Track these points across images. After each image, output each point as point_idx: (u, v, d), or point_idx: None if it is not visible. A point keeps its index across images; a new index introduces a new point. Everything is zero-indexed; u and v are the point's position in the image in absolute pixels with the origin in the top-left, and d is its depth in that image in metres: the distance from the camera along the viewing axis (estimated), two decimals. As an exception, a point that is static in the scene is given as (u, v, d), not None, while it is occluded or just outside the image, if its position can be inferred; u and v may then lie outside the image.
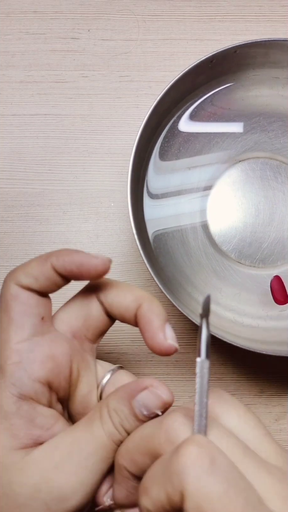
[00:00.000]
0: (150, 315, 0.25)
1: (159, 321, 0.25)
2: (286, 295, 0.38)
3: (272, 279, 0.39)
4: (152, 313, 0.25)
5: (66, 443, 0.23)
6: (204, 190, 0.40)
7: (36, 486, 0.22)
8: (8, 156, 0.42)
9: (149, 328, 0.25)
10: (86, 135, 0.43)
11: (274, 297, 0.38)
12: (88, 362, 0.27)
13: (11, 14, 0.44)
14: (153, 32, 0.44)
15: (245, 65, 0.39)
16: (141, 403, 0.23)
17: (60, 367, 0.25)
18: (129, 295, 0.26)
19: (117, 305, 0.26)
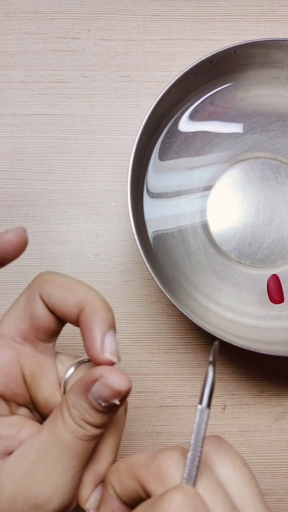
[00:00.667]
0: (90, 322, 0.23)
1: (98, 331, 0.23)
2: (282, 294, 0.38)
3: (269, 278, 0.39)
4: (93, 320, 0.23)
5: (33, 449, 0.22)
6: (204, 190, 0.40)
7: (11, 498, 0.22)
8: (8, 156, 0.42)
9: (87, 337, 0.23)
10: (86, 135, 0.43)
11: (270, 296, 0.38)
12: (44, 363, 0.25)
13: (11, 14, 0.44)
14: (153, 32, 0.44)
15: (245, 65, 0.39)
16: (96, 395, 0.22)
17: (9, 376, 0.24)
18: (71, 297, 0.24)
19: (59, 308, 0.24)
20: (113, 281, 0.41)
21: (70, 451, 0.22)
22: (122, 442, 0.39)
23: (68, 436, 0.22)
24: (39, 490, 0.22)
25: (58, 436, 0.22)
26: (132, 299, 0.41)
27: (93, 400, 0.22)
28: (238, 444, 0.40)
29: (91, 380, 0.22)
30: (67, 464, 0.22)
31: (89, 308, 0.23)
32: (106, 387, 0.22)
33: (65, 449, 0.22)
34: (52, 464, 0.22)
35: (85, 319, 0.23)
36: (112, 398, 0.22)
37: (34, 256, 0.41)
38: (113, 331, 0.23)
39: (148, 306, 0.41)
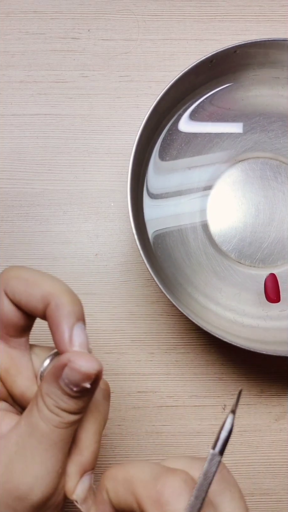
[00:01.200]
0: (57, 317, 0.23)
1: (65, 325, 0.22)
2: (279, 293, 0.38)
3: (267, 276, 0.39)
4: (59, 314, 0.23)
5: (11, 442, 0.22)
6: (204, 190, 0.40)
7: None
8: (8, 156, 0.42)
9: (55, 331, 0.23)
10: (86, 135, 0.43)
11: (267, 295, 0.38)
12: (18, 358, 0.25)
13: (11, 14, 0.44)
14: (153, 32, 0.44)
15: (245, 65, 0.39)
16: (67, 380, 0.22)
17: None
18: (36, 291, 0.23)
19: (25, 304, 0.24)
20: (113, 281, 0.41)
21: (47, 440, 0.22)
22: (122, 442, 0.39)
23: (44, 425, 0.22)
24: (20, 482, 0.22)
25: (35, 426, 0.22)
26: (132, 299, 0.41)
27: (65, 386, 0.22)
28: (238, 444, 0.40)
29: (60, 366, 0.22)
30: (45, 453, 0.22)
31: (55, 302, 0.23)
32: (75, 371, 0.21)
33: (43, 438, 0.22)
34: (31, 455, 0.22)
35: (52, 313, 0.23)
36: (82, 382, 0.22)
37: (34, 256, 0.41)
38: (81, 323, 0.23)
39: (148, 306, 0.41)
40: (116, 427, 0.40)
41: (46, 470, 0.22)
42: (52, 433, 0.22)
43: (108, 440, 0.39)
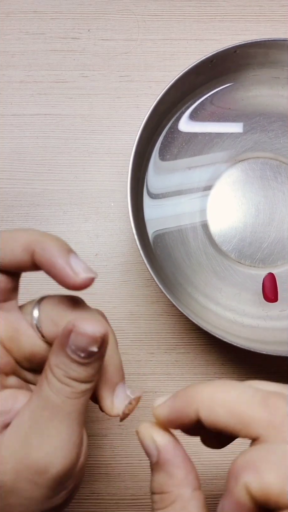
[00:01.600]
0: (48, 258, 0.23)
1: (60, 260, 0.23)
2: (277, 293, 0.38)
3: (265, 276, 0.39)
4: (49, 255, 0.23)
5: (25, 417, 0.22)
6: (204, 190, 0.40)
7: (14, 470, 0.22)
8: (8, 156, 0.42)
9: (54, 272, 0.23)
10: (86, 135, 0.43)
11: (265, 294, 0.38)
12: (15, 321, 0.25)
13: (11, 14, 0.44)
14: (153, 32, 0.44)
15: (245, 65, 0.39)
16: (74, 347, 0.22)
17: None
18: (16, 245, 0.23)
19: (9, 262, 0.23)
20: (113, 281, 0.41)
21: (61, 412, 0.22)
22: (123, 442, 0.39)
23: (56, 397, 0.22)
24: (38, 456, 0.22)
25: (46, 399, 0.22)
26: (132, 299, 0.41)
27: (72, 353, 0.22)
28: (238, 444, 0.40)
29: (65, 334, 0.22)
30: (60, 425, 0.22)
31: (39, 247, 0.23)
32: (81, 335, 0.21)
33: (55, 410, 0.22)
34: (46, 428, 0.22)
35: (42, 257, 0.23)
36: (90, 346, 0.22)
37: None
38: (73, 254, 0.23)
39: (148, 306, 0.41)
40: (116, 427, 0.40)
41: (63, 442, 0.22)
42: (64, 404, 0.22)
43: (108, 440, 0.39)
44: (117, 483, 0.39)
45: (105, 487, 0.39)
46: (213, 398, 0.21)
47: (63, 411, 0.22)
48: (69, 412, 0.22)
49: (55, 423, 0.22)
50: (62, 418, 0.22)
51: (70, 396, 0.22)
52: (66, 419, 0.22)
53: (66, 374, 0.22)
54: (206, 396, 0.22)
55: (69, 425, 0.22)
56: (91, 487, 0.39)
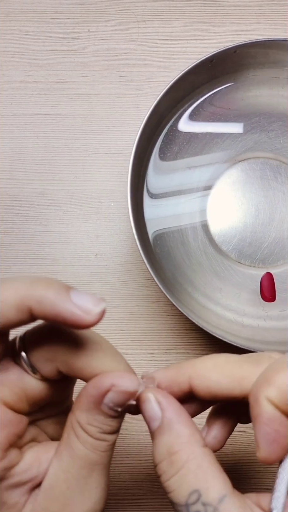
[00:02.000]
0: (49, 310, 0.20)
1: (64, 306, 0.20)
2: (274, 292, 0.38)
3: (263, 275, 0.39)
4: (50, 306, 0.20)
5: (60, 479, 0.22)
6: (204, 190, 0.40)
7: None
8: (8, 156, 0.42)
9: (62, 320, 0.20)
10: (86, 135, 0.43)
11: (262, 294, 0.38)
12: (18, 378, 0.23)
13: (11, 14, 0.44)
14: (153, 32, 0.44)
15: (245, 65, 0.39)
16: (112, 404, 0.21)
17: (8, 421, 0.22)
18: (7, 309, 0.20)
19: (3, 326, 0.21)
20: (113, 281, 0.41)
21: (99, 466, 0.22)
22: (123, 442, 0.39)
23: (94, 454, 0.22)
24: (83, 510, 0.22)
25: (83, 458, 0.22)
26: (132, 299, 0.41)
27: (109, 410, 0.21)
28: (239, 444, 0.40)
29: (101, 393, 0.21)
30: (99, 478, 0.22)
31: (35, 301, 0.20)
32: (121, 393, 0.21)
33: (95, 466, 0.22)
34: (85, 484, 0.22)
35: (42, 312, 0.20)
36: (129, 401, 0.22)
37: (34, 256, 0.41)
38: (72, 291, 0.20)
39: (148, 306, 0.41)
40: (116, 427, 0.40)
41: (103, 491, 0.23)
42: (102, 458, 0.22)
43: (108, 440, 0.39)
44: (117, 483, 0.39)
45: (105, 487, 0.39)
46: (204, 365, 0.22)
47: (101, 464, 0.22)
48: (105, 463, 0.22)
49: (95, 477, 0.22)
50: (100, 472, 0.22)
51: (106, 450, 0.22)
52: (104, 470, 0.22)
53: (101, 430, 0.22)
54: (197, 365, 0.22)
55: (106, 473, 0.23)
56: (91, 487, 0.39)
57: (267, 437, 0.20)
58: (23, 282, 0.20)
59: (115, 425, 0.22)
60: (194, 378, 0.22)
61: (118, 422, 0.22)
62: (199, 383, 0.22)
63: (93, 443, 0.22)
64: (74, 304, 0.20)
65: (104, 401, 0.21)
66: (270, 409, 0.20)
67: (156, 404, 0.22)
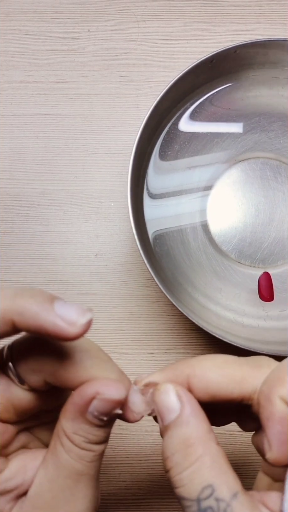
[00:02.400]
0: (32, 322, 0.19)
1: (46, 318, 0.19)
2: (272, 292, 0.38)
3: (261, 275, 0.39)
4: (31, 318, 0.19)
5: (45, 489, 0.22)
6: (204, 190, 0.40)
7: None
8: (8, 156, 0.42)
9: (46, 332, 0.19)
10: (86, 135, 0.43)
11: (260, 294, 0.38)
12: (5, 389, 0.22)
13: (11, 14, 0.44)
14: (153, 32, 0.44)
15: (245, 65, 0.39)
16: (96, 413, 0.21)
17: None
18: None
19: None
20: (113, 281, 0.41)
21: (85, 476, 0.22)
22: (123, 442, 0.39)
23: (79, 465, 0.21)
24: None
25: (68, 468, 0.21)
26: (132, 299, 0.41)
27: (93, 419, 0.21)
28: (239, 444, 0.40)
29: (86, 401, 0.21)
30: (85, 489, 0.22)
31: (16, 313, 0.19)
32: (106, 402, 0.21)
33: (80, 477, 0.21)
34: (71, 495, 0.22)
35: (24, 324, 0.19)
36: (115, 410, 0.21)
37: (34, 256, 0.41)
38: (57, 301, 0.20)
39: (148, 306, 0.41)
40: (116, 427, 0.40)
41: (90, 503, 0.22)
42: (88, 468, 0.22)
43: (108, 440, 0.39)
44: (117, 483, 0.39)
45: (106, 487, 0.39)
46: (203, 365, 0.22)
47: (87, 475, 0.22)
48: (92, 474, 0.22)
49: (80, 487, 0.22)
50: (87, 482, 0.22)
51: (92, 460, 0.22)
52: (91, 481, 0.22)
53: (87, 440, 0.21)
54: (196, 365, 0.22)
55: (93, 485, 0.22)
56: (91, 487, 0.39)
57: (281, 436, 0.20)
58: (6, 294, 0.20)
59: (102, 434, 0.22)
60: (193, 377, 0.22)
61: (105, 432, 0.22)
62: (197, 382, 0.21)
63: (79, 453, 0.21)
64: (58, 315, 0.19)
65: (89, 410, 0.21)
66: (284, 408, 0.20)
67: (175, 396, 0.21)
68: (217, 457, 0.20)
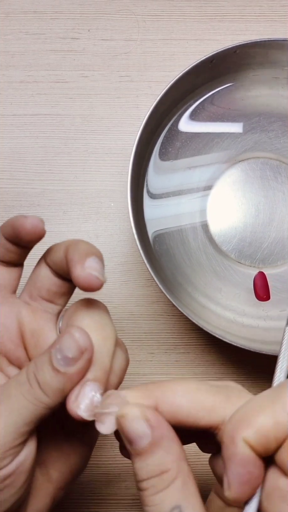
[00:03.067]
0: (72, 254, 0.24)
1: (78, 256, 0.24)
2: (268, 291, 0.38)
3: (256, 275, 0.39)
4: (74, 251, 0.24)
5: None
6: (204, 190, 0.40)
7: None
8: (8, 156, 0.42)
9: (70, 265, 0.24)
10: (86, 135, 0.43)
11: (256, 293, 0.38)
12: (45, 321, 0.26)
13: (11, 14, 0.44)
14: (153, 32, 0.44)
15: (245, 65, 0.39)
16: (58, 348, 0.22)
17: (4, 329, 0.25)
18: (61, 248, 0.25)
19: (56, 263, 0.25)
20: (113, 281, 0.41)
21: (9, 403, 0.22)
22: (122, 442, 0.39)
23: (14, 388, 0.22)
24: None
25: (6, 387, 0.22)
26: (132, 299, 0.41)
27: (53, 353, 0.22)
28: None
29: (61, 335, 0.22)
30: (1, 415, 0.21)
31: (72, 247, 0.24)
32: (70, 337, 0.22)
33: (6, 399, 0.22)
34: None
35: (68, 255, 0.24)
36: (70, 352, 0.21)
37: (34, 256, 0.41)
38: (95, 257, 0.24)
39: (148, 306, 0.41)
40: (116, 427, 0.40)
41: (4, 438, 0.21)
42: (16, 398, 0.22)
43: (108, 440, 0.39)
44: (117, 483, 0.39)
45: (106, 487, 0.39)
46: (174, 390, 0.22)
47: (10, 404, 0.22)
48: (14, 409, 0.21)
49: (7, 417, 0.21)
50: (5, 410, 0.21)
51: (25, 395, 0.22)
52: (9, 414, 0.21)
53: (35, 372, 0.22)
54: (166, 389, 0.22)
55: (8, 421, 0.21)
56: (91, 487, 0.39)
57: (240, 478, 0.20)
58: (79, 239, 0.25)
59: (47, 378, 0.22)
60: (162, 402, 0.21)
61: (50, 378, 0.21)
62: (167, 407, 0.21)
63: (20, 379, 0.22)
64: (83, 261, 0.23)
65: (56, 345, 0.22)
66: (246, 451, 0.19)
67: (143, 422, 0.21)
68: (188, 478, 0.21)
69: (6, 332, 0.26)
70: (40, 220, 0.25)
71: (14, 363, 0.26)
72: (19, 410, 0.22)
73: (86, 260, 0.23)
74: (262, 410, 0.20)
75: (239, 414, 0.20)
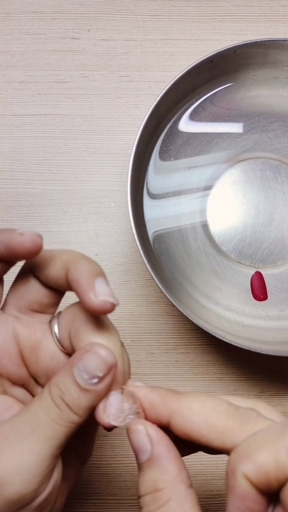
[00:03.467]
0: (77, 276, 0.23)
1: (86, 280, 0.23)
2: (266, 291, 0.38)
3: (253, 275, 0.39)
4: (78, 273, 0.23)
5: (6, 427, 0.21)
6: (204, 190, 0.40)
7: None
8: (8, 156, 0.42)
9: (78, 290, 0.23)
10: (86, 135, 0.43)
11: (254, 293, 0.38)
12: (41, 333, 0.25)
13: (11, 14, 0.44)
14: (153, 32, 0.44)
15: (245, 65, 0.39)
16: (82, 367, 0.21)
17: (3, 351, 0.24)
18: (58, 263, 0.24)
19: (51, 278, 0.24)
20: (113, 281, 0.41)
21: (40, 431, 0.21)
22: (122, 442, 0.39)
23: (42, 415, 0.21)
24: (2, 468, 0.21)
25: (32, 415, 0.21)
26: (132, 299, 0.41)
27: (78, 374, 0.21)
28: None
29: (80, 353, 0.22)
30: (33, 446, 0.21)
31: (74, 265, 0.23)
32: (95, 356, 0.21)
33: (36, 428, 0.21)
34: (21, 443, 0.21)
35: (72, 275, 0.23)
36: (98, 371, 0.21)
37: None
38: (103, 278, 0.23)
39: (148, 306, 0.41)
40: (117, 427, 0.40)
41: (31, 464, 0.21)
42: (47, 425, 0.21)
43: (108, 440, 0.39)
44: (118, 483, 0.39)
45: (106, 487, 0.39)
46: (191, 407, 0.21)
47: (43, 432, 0.21)
48: (48, 436, 0.21)
49: (30, 441, 0.21)
50: (39, 439, 0.21)
51: (55, 420, 0.21)
52: (43, 442, 0.21)
53: (62, 395, 0.21)
54: (184, 405, 0.21)
55: (43, 450, 0.21)
56: (91, 487, 0.39)
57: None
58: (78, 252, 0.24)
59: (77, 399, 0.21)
60: (177, 416, 0.21)
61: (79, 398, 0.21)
62: (180, 423, 0.21)
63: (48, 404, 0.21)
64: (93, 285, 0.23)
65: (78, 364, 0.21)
66: (246, 486, 0.19)
67: (146, 437, 0.21)
68: (184, 501, 0.20)
69: (6, 354, 0.25)
70: (39, 235, 0.23)
71: (17, 383, 0.25)
72: (53, 435, 0.21)
73: (96, 285, 0.23)
74: (265, 446, 0.19)
75: (243, 447, 0.20)
